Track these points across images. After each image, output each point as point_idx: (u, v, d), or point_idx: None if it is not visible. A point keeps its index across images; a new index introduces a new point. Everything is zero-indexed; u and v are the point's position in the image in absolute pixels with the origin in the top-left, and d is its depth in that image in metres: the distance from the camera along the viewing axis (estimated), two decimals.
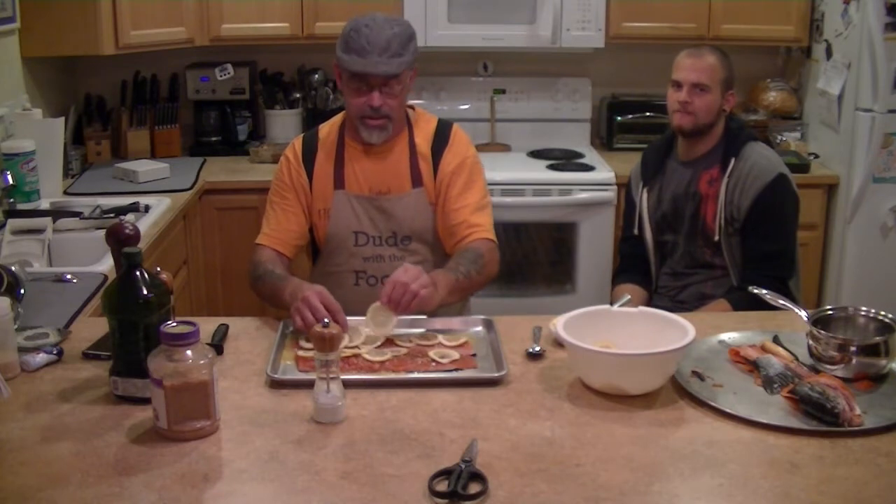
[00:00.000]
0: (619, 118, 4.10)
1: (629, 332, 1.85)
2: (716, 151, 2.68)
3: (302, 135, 2.49)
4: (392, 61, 2.22)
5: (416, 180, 2.37)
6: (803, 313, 1.92)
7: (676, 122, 2.68)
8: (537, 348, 1.94)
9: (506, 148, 4.12)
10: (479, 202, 2.37)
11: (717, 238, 2.63)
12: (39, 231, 2.76)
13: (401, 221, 2.36)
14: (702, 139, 2.69)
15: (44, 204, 3.15)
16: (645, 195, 2.79)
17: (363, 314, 2.02)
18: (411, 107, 2.45)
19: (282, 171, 2.42)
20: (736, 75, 2.71)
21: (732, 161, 2.62)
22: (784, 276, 2.59)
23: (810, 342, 1.85)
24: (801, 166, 3.68)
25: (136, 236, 1.84)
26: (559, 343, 1.89)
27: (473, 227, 2.32)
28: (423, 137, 2.40)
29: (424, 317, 2.12)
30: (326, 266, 2.42)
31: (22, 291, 2.07)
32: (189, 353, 1.56)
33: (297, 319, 1.98)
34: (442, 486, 1.41)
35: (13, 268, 2.10)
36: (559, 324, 1.81)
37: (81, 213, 3.03)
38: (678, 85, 2.66)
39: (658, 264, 2.82)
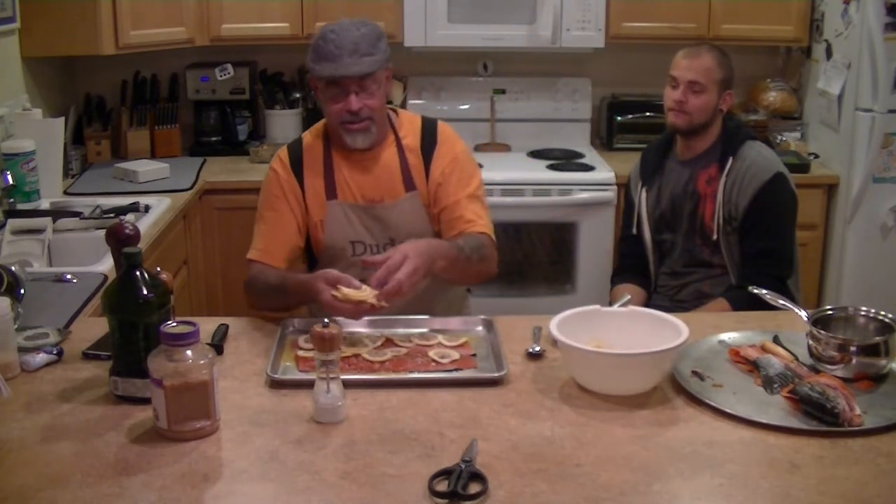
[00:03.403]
0: (619, 118, 4.10)
1: (623, 332, 1.85)
2: (714, 150, 2.68)
3: (286, 145, 2.42)
4: (363, 60, 2.19)
5: (409, 184, 2.33)
6: (803, 313, 1.92)
7: (671, 120, 2.69)
8: (537, 348, 1.94)
9: (506, 148, 4.12)
10: (475, 194, 2.34)
11: (715, 237, 2.64)
12: (39, 231, 2.76)
13: (397, 228, 2.32)
14: (699, 138, 2.69)
15: (44, 204, 3.15)
16: (644, 194, 2.79)
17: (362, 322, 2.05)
18: (393, 110, 2.41)
19: (271, 184, 2.35)
20: (734, 75, 2.71)
21: (730, 160, 2.62)
22: (782, 275, 2.59)
23: (810, 342, 1.85)
24: (801, 166, 3.68)
25: (136, 236, 1.84)
26: None
27: (471, 221, 2.29)
28: (411, 137, 2.36)
29: (426, 317, 2.13)
30: None
31: (22, 291, 2.07)
32: (189, 353, 1.56)
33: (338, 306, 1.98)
34: (442, 486, 1.41)
35: (13, 268, 2.11)
36: (552, 324, 1.81)
37: (81, 213, 3.03)
38: (675, 83, 2.67)
39: (657, 264, 2.82)
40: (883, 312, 1.87)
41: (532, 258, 3.80)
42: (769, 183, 2.58)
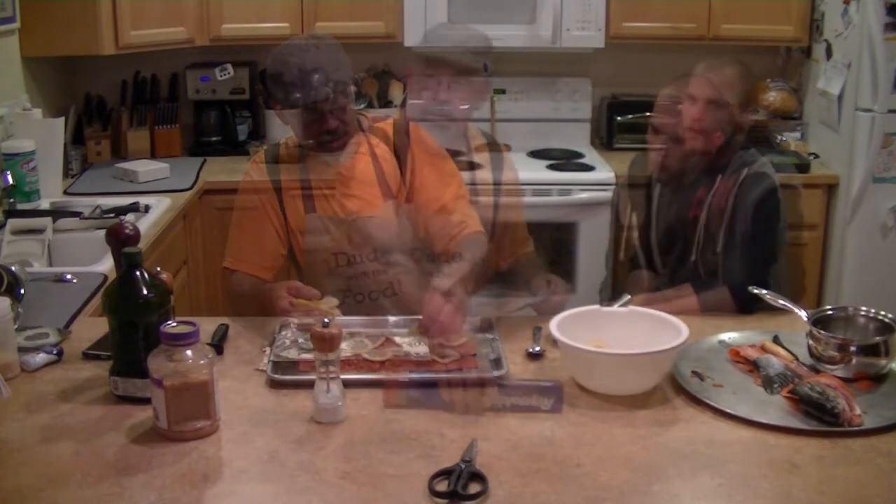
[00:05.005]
0: (619, 118, 4.10)
1: (623, 332, 1.85)
2: (701, 173, 2.54)
3: (262, 150, 2.40)
4: (331, 79, 2.15)
5: (386, 193, 2.30)
6: (803, 313, 1.92)
7: (656, 175, 2.56)
8: (537, 348, 1.94)
9: (506, 148, 4.11)
10: (458, 193, 2.31)
11: (693, 258, 2.48)
12: (39, 231, 2.76)
13: (378, 238, 2.30)
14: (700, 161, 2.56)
15: (44, 204, 3.15)
16: (634, 220, 2.72)
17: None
18: (363, 114, 2.38)
19: (247, 190, 2.33)
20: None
21: (719, 177, 2.43)
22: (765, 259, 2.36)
23: (810, 342, 1.85)
24: (801, 166, 3.68)
25: (136, 236, 1.84)
26: None
27: (463, 223, 2.26)
28: (384, 143, 2.33)
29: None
30: (310, 285, 2.30)
31: (22, 291, 2.07)
32: (189, 353, 1.56)
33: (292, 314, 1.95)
34: (442, 486, 1.41)
35: (13, 268, 2.11)
36: (552, 324, 1.81)
37: (81, 213, 3.03)
38: (656, 132, 2.53)
39: (661, 274, 2.76)
40: (883, 312, 1.88)
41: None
42: (752, 177, 2.37)
